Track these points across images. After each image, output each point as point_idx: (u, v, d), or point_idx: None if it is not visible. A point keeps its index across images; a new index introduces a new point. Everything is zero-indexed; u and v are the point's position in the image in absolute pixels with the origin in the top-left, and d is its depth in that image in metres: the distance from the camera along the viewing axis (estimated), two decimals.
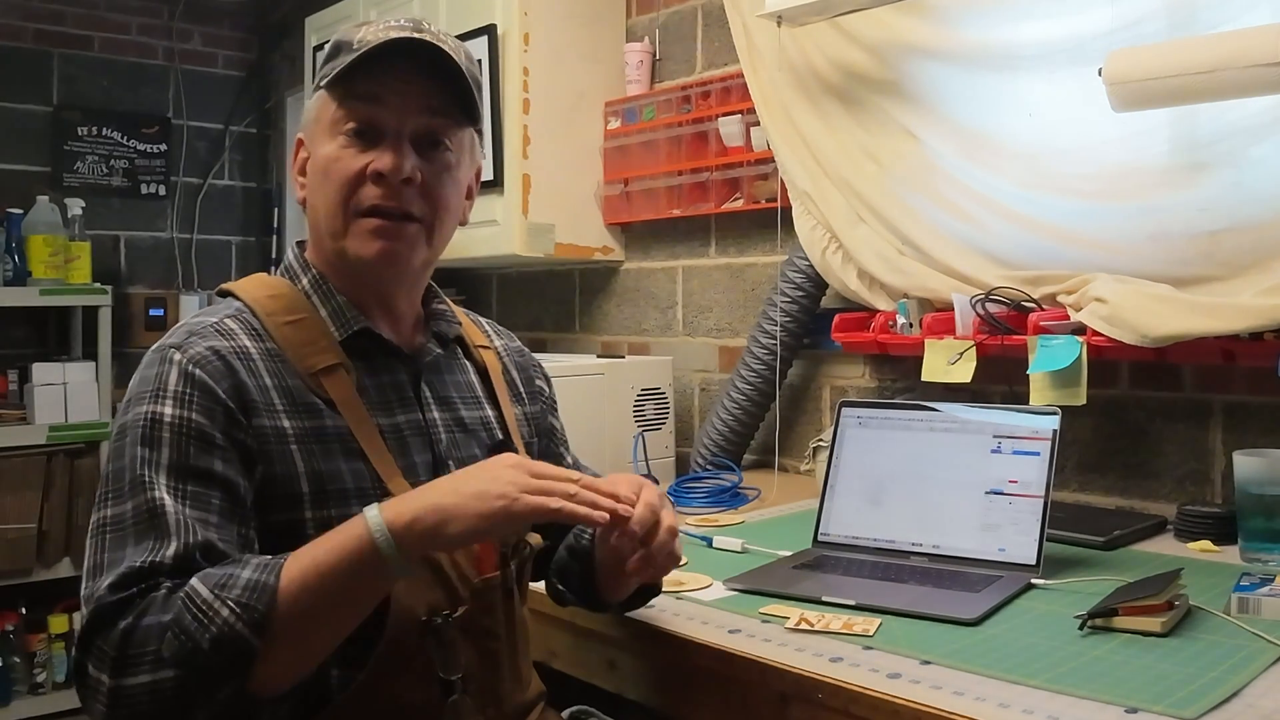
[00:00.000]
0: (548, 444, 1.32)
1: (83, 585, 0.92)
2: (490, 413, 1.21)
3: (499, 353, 1.29)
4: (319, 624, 0.91)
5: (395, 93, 1.07)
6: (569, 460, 1.35)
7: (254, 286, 1.11)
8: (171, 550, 0.90)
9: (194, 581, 0.87)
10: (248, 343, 1.04)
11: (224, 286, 1.13)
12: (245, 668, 0.86)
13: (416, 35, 1.06)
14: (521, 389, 1.29)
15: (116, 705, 0.85)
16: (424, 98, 1.08)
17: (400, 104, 1.07)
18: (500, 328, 1.35)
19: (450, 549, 1.02)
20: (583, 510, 0.95)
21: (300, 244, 1.16)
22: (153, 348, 1.03)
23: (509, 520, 0.93)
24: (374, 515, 0.91)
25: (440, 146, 1.10)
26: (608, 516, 0.97)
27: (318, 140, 1.09)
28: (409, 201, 1.08)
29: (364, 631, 0.95)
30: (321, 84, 1.09)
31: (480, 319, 1.33)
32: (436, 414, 1.14)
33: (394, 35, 1.06)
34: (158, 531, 0.91)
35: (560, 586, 1.27)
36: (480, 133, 1.19)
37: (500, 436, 1.19)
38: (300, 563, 0.90)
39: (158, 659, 0.85)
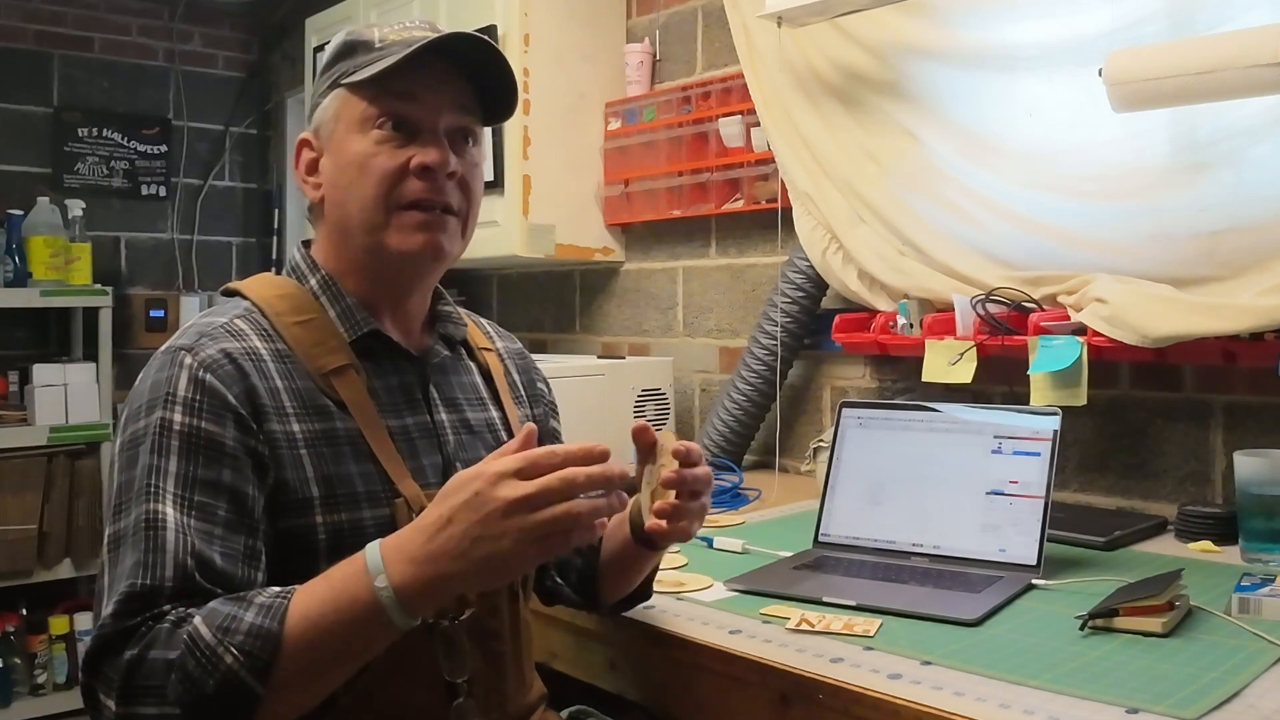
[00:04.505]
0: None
1: (101, 600, 0.92)
2: (495, 414, 1.21)
3: (501, 354, 1.29)
4: (323, 670, 0.89)
5: (430, 90, 1.08)
6: None
7: (261, 286, 1.11)
8: (170, 570, 0.90)
9: (197, 620, 0.86)
10: (258, 343, 1.03)
11: (230, 286, 1.12)
12: (250, 712, 0.86)
13: (455, 34, 1.08)
14: (523, 391, 1.30)
15: None
16: (457, 95, 1.10)
17: (435, 101, 1.08)
18: (501, 329, 1.36)
19: None
20: (594, 526, 0.88)
21: (305, 244, 1.16)
22: (162, 348, 1.02)
23: (523, 569, 0.92)
24: (383, 584, 0.86)
25: (470, 142, 1.12)
26: (609, 515, 0.91)
27: (342, 137, 1.08)
28: (450, 195, 1.09)
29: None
30: (344, 82, 1.08)
31: (482, 320, 1.33)
32: (444, 416, 1.14)
33: (419, 34, 1.07)
34: (154, 544, 0.91)
35: (559, 581, 1.27)
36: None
37: (505, 438, 1.19)
38: (305, 611, 0.87)
39: (163, 696, 0.85)
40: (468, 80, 1.11)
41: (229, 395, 0.97)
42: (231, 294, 1.12)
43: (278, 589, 0.90)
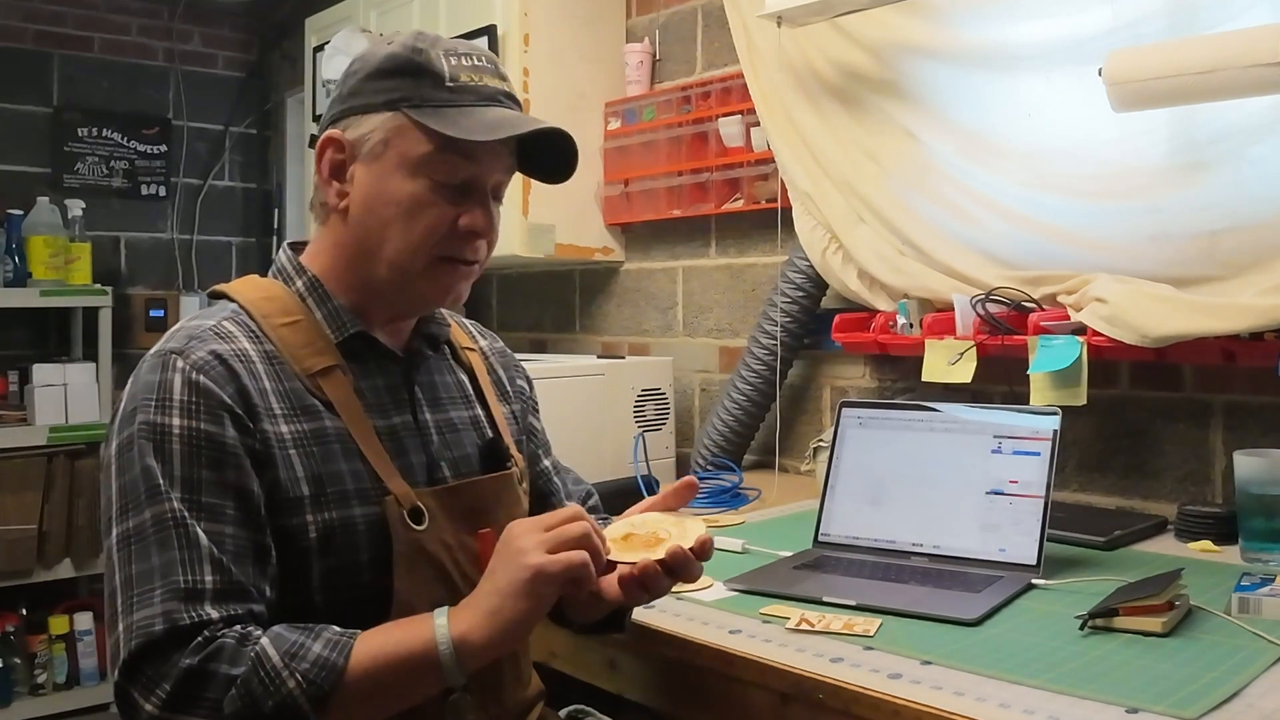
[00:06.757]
0: (527, 443, 1.32)
1: (116, 600, 0.92)
2: (480, 412, 1.21)
3: (484, 353, 1.30)
4: (372, 709, 0.93)
5: (489, 152, 1.07)
6: (547, 463, 1.36)
7: (248, 288, 1.11)
8: (209, 567, 0.91)
9: (264, 642, 0.89)
10: (247, 345, 1.03)
11: (217, 288, 1.12)
12: None
13: (511, 105, 1.09)
14: (507, 388, 1.30)
15: None
16: (508, 158, 1.10)
17: (490, 163, 1.08)
18: (484, 329, 1.36)
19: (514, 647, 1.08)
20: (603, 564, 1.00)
21: (293, 246, 1.15)
22: (151, 351, 1.02)
23: (550, 584, 0.94)
24: (442, 625, 0.93)
25: (500, 197, 1.13)
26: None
27: (391, 169, 1.05)
28: (482, 251, 1.11)
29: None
30: (409, 112, 1.04)
31: (464, 320, 1.33)
32: (429, 415, 1.14)
33: (490, 84, 1.07)
34: (183, 543, 0.92)
35: None
36: None
37: (490, 434, 1.20)
38: (369, 650, 0.92)
39: (216, 710, 0.86)
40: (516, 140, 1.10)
41: (224, 395, 0.98)
42: (219, 296, 1.12)
43: (339, 629, 0.94)
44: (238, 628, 0.91)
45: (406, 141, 1.05)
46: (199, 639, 0.88)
